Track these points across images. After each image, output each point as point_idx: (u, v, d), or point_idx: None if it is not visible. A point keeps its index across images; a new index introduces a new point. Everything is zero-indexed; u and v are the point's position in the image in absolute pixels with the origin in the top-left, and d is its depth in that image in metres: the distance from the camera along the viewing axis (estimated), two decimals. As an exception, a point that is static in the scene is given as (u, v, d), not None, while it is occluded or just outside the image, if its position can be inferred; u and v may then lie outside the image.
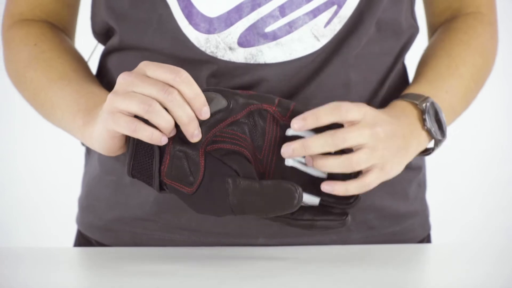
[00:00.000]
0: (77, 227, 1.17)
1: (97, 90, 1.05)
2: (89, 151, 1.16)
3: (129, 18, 1.05)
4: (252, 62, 1.02)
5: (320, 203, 0.96)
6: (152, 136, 0.93)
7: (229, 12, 1.02)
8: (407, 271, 0.95)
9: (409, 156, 1.02)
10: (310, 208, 0.96)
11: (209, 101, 0.94)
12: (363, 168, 0.96)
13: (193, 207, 0.95)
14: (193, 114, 0.93)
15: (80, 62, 1.11)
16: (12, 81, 1.13)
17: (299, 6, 1.02)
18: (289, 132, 0.97)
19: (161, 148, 0.94)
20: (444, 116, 1.05)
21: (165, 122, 0.92)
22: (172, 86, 0.92)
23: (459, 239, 2.46)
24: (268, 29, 1.02)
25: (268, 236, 1.06)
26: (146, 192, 1.07)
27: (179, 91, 0.92)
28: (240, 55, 1.02)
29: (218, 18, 1.02)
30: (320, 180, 0.97)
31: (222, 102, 0.95)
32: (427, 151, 1.05)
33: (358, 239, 1.08)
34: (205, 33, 1.02)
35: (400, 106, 1.04)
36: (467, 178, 2.51)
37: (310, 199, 0.96)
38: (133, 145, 0.95)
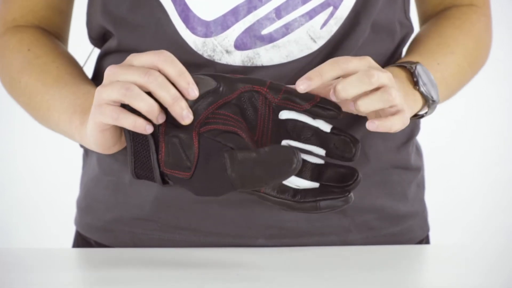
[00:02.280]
0: (76, 228, 1.17)
1: (93, 90, 1.05)
2: (87, 152, 1.16)
3: (127, 23, 1.05)
4: (249, 65, 1.02)
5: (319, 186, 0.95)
6: (135, 123, 0.91)
7: (225, 15, 1.02)
8: (407, 272, 0.95)
9: (409, 106, 0.99)
10: (311, 190, 0.94)
11: (197, 82, 0.93)
12: (398, 103, 0.93)
13: (193, 191, 0.93)
14: (177, 94, 0.91)
15: (75, 66, 1.10)
16: (6, 88, 1.12)
17: (295, 8, 1.02)
18: (283, 115, 0.95)
19: (156, 138, 0.93)
20: (434, 78, 1.03)
21: (147, 106, 0.90)
22: (155, 69, 0.91)
23: (459, 240, 2.47)
24: (265, 32, 1.02)
25: (267, 237, 1.06)
26: (145, 192, 1.07)
27: (163, 72, 0.91)
28: (237, 58, 1.02)
29: (215, 21, 1.02)
30: (318, 166, 0.95)
31: (211, 83, 0.94)
32: (422, 112, 1.03)
33: (357, 240, 1.08)
34: (202, 36, 1.02)
35: (389, 70, 1.02)
36: (467, 179, 2.51)
37: (309, 185, 0.94)
38: (130, 140, 0.94)
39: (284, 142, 0.95)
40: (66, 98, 1.04)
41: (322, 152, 0.95)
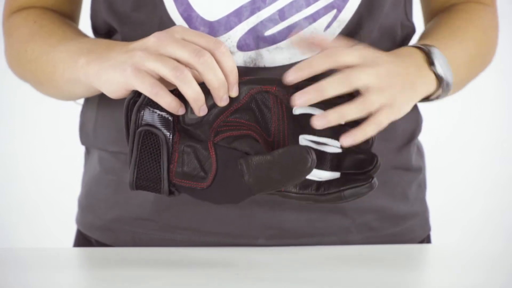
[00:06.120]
0: (77, 226, 1.17)
1: (100, 38, 1.05)
2: (88, 151, 1.16)
3: (131, 20, 1.05)
4: (251, 66, 1.02)
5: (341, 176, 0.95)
6: (171, 104, 0.91)
7: (228, 16, 1.02)
8: (407, 271, 0.95)
9: (417, 94, 0.99)
10: (334, 181, 0.94)
11: (209, 91, 0.93)
12: (376, 107, 0.93)
13: (211, 200, 0.94)
14: (224, 80, 0.92)
15: (82, 33, 1.09)
16: (13, 67, 1.11)
17: (298, 10, 1.02)
18: (296, 111, 0.95)
19: (168, 148, 0.93)
20: (448, 63, 1.02)
21: (194, 93, 0.91)
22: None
23: (460, 240, 2.47)
24: (268, 33, 1.02)
25: (268, 237, 1.06)
26: (146, 192, 1.07)
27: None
28: (239, 59, 1.02)
29: (218, 21, 1.02)
30: (336, 155, 0.95)
31: None
32: (434, 95, 1.02)
33: (358, 240, 1.08)
34: None
35: (405, 50, 1.02)
36: (469, 178, 2.51)
37: (330, 175, 0.94)
38: (136, 150, 0.93)
39: (301, 138, 0.95)
40: (72, 47, 1.03)
41: (337, 143, 0.95)
